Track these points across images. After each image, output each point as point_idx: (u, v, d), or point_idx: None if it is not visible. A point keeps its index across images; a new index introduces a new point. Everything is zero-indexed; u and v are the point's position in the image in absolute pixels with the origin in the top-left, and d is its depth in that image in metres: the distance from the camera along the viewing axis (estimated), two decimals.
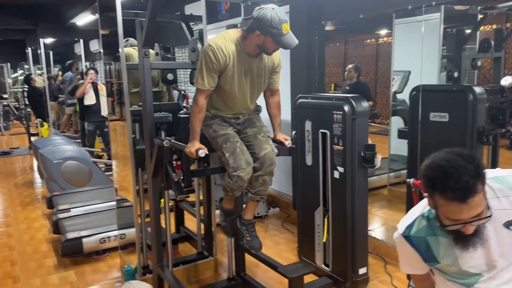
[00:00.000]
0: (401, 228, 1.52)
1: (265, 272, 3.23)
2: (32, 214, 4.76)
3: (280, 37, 2.05)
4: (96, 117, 6.38)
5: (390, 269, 3.20)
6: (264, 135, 2.39)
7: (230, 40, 2.16)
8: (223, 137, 2.29)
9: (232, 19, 5.11)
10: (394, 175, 4.52)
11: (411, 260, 1.54)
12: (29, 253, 3.72)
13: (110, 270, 3.38)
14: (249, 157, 2.29)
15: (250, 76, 2.26)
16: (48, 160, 5.02)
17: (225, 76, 2.20)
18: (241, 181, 2.26)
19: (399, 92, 4.35)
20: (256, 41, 2.12)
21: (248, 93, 2.31)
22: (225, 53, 2.14)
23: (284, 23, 2.04)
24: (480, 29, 3.80)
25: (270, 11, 2.04)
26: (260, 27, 2.05)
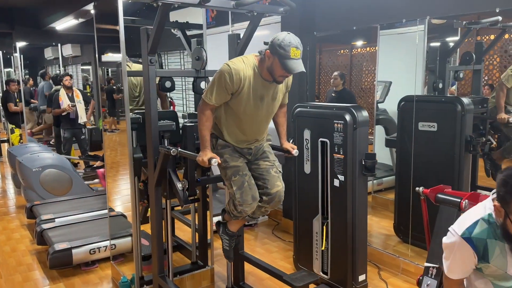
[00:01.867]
0: (459, 230, 1.65)
1: (261, 280, 3.23)
2: (10, 225, 4.57)
3: (285, 59, 2.04)
4: (72, 124, 6.19)
5: (384, 275, 3.26)
6: (277, 170, 2.44)
7: (248, 65, 2.17)
8: (233, 169, 2.31)
9: (218, 27, 5.12)
10: (377, 182, 4.62)
11: (466, 261, 1.65)
12: (13, 265, 3.57)
13: (101, 282, 3.29)
14: (255, 193, 2.33)
15: (266, 99, 2.27)
16: (27, 168, 4.84)
17: (241, 98, 2.20)
18: (244, 213, 2.36)
19: (380, 101, 4.46)
20: (267, 62, 2.13)
21: (263, 116, 2.32)
22: (241, 77, 2.14)
23: (294, 47, 2.04)
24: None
25: (284, 34, 2.07)
26: (271, 47, 2.08)
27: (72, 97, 6.20)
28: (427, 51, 3.79)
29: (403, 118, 3.59)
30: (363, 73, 5.38)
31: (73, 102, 6.16)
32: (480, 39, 3.96)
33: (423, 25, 3.52)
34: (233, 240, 2.61)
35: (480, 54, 3.88)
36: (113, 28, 3.32)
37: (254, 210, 2.38)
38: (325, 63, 6.37)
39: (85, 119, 6.28)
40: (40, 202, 4.54)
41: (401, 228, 3.62)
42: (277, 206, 2.47)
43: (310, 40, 3.91)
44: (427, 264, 2.04)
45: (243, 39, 2.72)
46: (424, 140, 3.38)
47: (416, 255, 3.28)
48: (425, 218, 2.21)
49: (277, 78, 2.15)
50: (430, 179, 3.17)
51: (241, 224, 2.63)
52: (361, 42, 5.13)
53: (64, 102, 6.12)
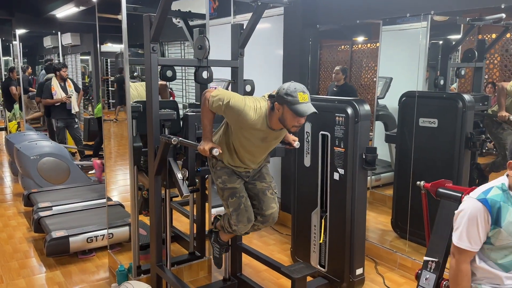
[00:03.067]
0: (474, 195, 1.73)
1: (258, 272, 3.23)
2: (7, 212, 4.55)
3: (295, 105, 2.02)
4: (64, 114, 6.13)
5: (381, 269, 3.27)
6: (273, 192, 2.47)
7: (259, 116, 2.14)
8: (230, 190, 2.35)
9: (220, 19, 5.08)
10: (375, 178, 4.62)
11: (479, 225, 1.70)
12: (10, 252, 3.56)
13: (98, 270, 3.28)
14: (251, 215, 2.38)
15: (269, 140, 2.28)
16: (25, 156, 4.81)
17: (245, 132, 2.20)
18: (238, 233, 2.46)
19: (381, 97, 4.45)
20: (277, 114, 2.11)
21: (263, 151, 2.35)
22: (248, 123, 2.13)
23: (300, 92, 2.03)
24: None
25: (288, 83, 2.07)
26: (278, 98, 2.06)
27: (65, 87, 6.15)
28: (428, 48, 3.78)
29: (404, 113, 3.58)
30: (363, 69, 5.36)
31: (66, 92, 6.11)
32: (481, 38, 3.95)
33: (426, 22, 3.51)
34: (223, 249, 2.67)
35: (482, 52, 3.87)
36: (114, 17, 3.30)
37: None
38: (325, 58, 6.35)
39: (77, 109, 6.24)
40: (38, 190, 4.53)
41: (398, 223, 3.63)
42: (271, 225, 2.58)
43: (312, 33, 3.89)
44: (426, 258, 2.04)
45: (246, 30, 2.70)
46: (424, 136, 3.37)
47: (413, 250, 3.29)
48: (425, 213, 2.21)
49: (290, 129, 2.14)
50: (429, 175, 3.15)
51: (233, 235, 2.68)
52: (362, 38, 5.10)
53: (58, 92, 6.05)
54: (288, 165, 4.02)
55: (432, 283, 1.99)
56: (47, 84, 6.19)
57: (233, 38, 2.75)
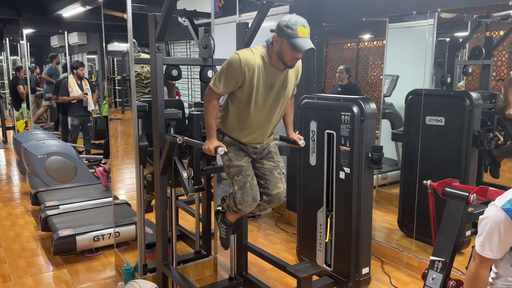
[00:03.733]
0: (499, 203, 1.64)
1: (264, 271, 3.23)
2: (15, 211, 4.59)
3: (294, 38, 2.01)
4: (81, 111, 6.24)
5: (387, 269, 3.26)
6: (280, 171, 2.44)
7: (257, 54, 2.14)
8: (236, 168, 2.32)
9: (225, 17, 5.08)
10: (381, 176, 4.60)
11: (503, 235, 1.63)
12: (17, 251, 3.59)
13: (104, 269, 3.30)
14: (256, 194, 2.35)
15: (277, 88, 2.23)
16: (32, 155, 4.85)
17: (250, 87, 2.15)
18: (243, 212, 2.41)
19: (387, 95, 4.43)
20: (276, 46, 2.09)
21: (273, 107, 2.28)
22: (251, 65, 2.11)
23: (301, 25, 2.01)
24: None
25: (289, 15, 2.05)
26: (278, 29, 2.05)
27: (81, 85, 6.25)
28: (435, 45, 3.75)
29: (410, 112, 3.56)
30: (369, 67, 5.34)
31: (82, 90, 6.22)
32: (489, 35, 3.92)
33: (432, 19, 3.48)
34: (230, 230, 2.63)
35: (489, 49, 3.83)
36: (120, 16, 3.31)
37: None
38: (331, 56, 6.33)
39: (93, 107, 6.32)
40: (45, 189, 4.56)
41: (405, 222, 3.61)
42: (276, 206, 2.53)
43: (318, 32, 3.88)
44: (433, 257, 2.03)
45: (251, 29, 2.70)
46: (431, 134, 3.35)
47: (420, 249, 3.27)
48: (432, 212, 2.19)
49: (288, 62, 2.12)
50: (436, 173, 3.15)
51: (240, 216, 2.64)
52: (368, 36, 5.08)
53: (75, 90, 6.17)
54: (293, 164, 4.01)
55: (438, 283, 1.98)
56: (64, 82, 6.32)
57: (238, 37, 2.75)
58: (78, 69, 6.23)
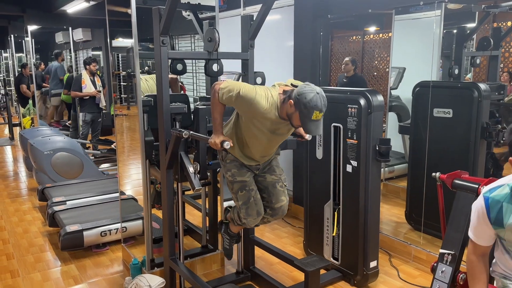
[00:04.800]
0: (485, 189, 1.69)
1: (271, 265, 3.22)
2: (22, 207, 4.61)
3: (306, 120, 2.01)
4: (94, 107, 6.29)
5: (395, 262, 3.24)
6: (282, 185, 2.45)
7: (271, 105, 2.10)
8: (239, 183, 2.34)
9: (230, 11, 5.05)
10: (388, 170, 4.57)
11: (481, 221, 1.68)
12: (25, 246, 3.61)
13: (112, 264, 3.31)
14: (261, 208, 2.37)
15: (280, 132, 2.25)
16: (39, 151, 4.86)
17: (256, 122, 2.16)
18: (248, 226, 2.45)
19: (394, 88, 4.39)
20: (288, 109, 2.08)
21: (274, 143, 2.33)
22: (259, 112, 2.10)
23: (317, 111, 1.99)
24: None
25: (314, 93, 1.99)
26: (297, 100, 2.01)
27: (94, 81, 6.28)
28: (442, 36, 3.71)
29: (418, 104, 3.52)
30: (375, 60, 5.30)
31: (95, 86, 6.25)
32: (496, 26, 3.87)
33: (439, 10, 3.44)
34: (233, 240, 2.66)
35: (498, 40, 3.78)
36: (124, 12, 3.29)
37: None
38: (337, 49, 6.29)
39: (105, 103, 6.35)
40: (52, 185, 4.58)
41: (413, 215, 3.59)
42: (280, 218, 2.58)
43: (323, 24, 3.84)
44: (442, 250, 2.01)
45: (256, 22, 2.67)
46: (439, 126, 3.31)
47: (427, 242, 3.25)
48: (441, 204, 2.17)
49: (294, 125, 2.14)
50: (444, 166, 3.12)
51: (243, 228, 2.67)
52: (374, 28, 5.03)
53: (88, 86, 6.21)
54: (300, 157, 4.00)
55: (448, 276, 1.95)
56: (77, 77, 6.37)
57: (243, 30, 2.73)
58: (90, 65, 6.26)
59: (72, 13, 7.64)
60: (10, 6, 7.65)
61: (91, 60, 6.33)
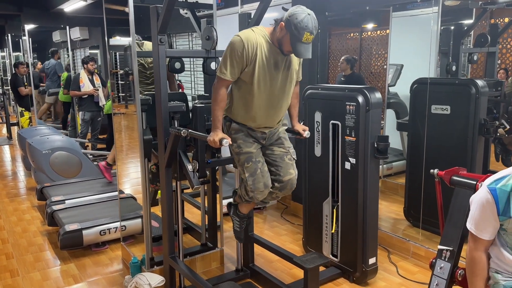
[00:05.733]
0: (487, 182, 1.70)
1: (270, 262, 3.23)
2: (21, 206, 4.61)
3: (296, 42, 2.00)
4: (92, 106, 6.29)
5: (394, 259, 3.25)
6: (291, 157, 2.41)
7: (258, 34, 2.13)
8: (246, 155, 2.29)
9: (227, 9, 5.05)
10: (386, 167, 4.58)
11: (487, 214, 1.68)
12: (24, 246, 3.61)
13: (111, 263, 3.31)
14: (268, 180, 2.32)
15: (281, 68, 2.20)
16: (37, 150, 4.86)
17: (255, 67, 2.13)
18: (256, 199, 2.38)
19: (391, 85, 4.40)
20: (279, 33, 2.08)
21: (279, 90, 2.24)
22: (253, 44, 2.09)
23: (308, 32, 1.97)
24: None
25: (305, 14, 1.98)
26: (287, 21, 2.01)
27: (92, 80, 6.27)
28: (440, 33, 3.72)
29: (415, 101, 3.53)
30: (372, 57, 5.30)
31: (94, 85, 6.24)
32: (494, 22, 3.87)
33: (437, 7, 3.44)
34: (243, 222, 2.61)
35: (495, 36, 3.79)
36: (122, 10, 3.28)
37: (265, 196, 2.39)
38: (335, 47, 6.29)
39: (104, 102, 6.34)
40: (50, 184, 4.58)
41: (411, 212, 3.60)
42: (288, 193, 2.49)
43: (321, 21, 3.83)
44: (440, 246, 2.01)
45: (253, 19, 2.67)
46: (437, 123, 3.32)
47: (426, 239, 3.26)
48: (439, 201, 2.17)
49: (284, 50, 2.12)
50: (442, 162, 3.12)
51: (252, 206, 2.62)
52: (371, 25, 5.04)
53: (86, 85, 6.21)
54: (298, 155, 3.97)
55: (447, 272, 1.96)
56: (76, 77, 6.38)
57: (241, 27, 2.73)
58: (88, 64, 6.26)
59: (69, 12, 7.63)
60: (7, 5, 7.62)
61: (89, 59, 6.33)
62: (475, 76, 4.09)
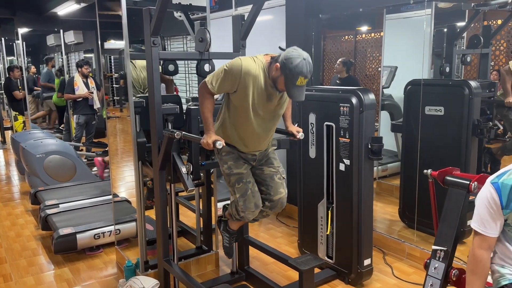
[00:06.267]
0: (490, 178, 1.72)
1: (266, 265, 3.22)
2: (15, 211, 4.58)
3: (290, 85, 2.02)
4: (87, 109, 6.25)
5: (389, 260, 3.25)
6: (281, 177, 2.44)
7: (258, 65, 2.12)
8: (236, 176, 2.32)
9: (221, 11, 5.05)
10: (381, 168, 4.59)
11: (492, 209, 1.69)
12: (18, 250, 3.58)
13: (106, 266, 3.29)
14: (258, 201, 2.36)
15: (274, 100, 2.21)
16: (31, 154, 4.83)
17: (247, 93, 2.13)
18: (246, 219, 2.42)
19: (386, 87, 4.41)
20: (274, 72, 2.09)
21: (272, 115, 2.27)
22: (251, 75, 2.09)
23: (302, 77, 1.99)
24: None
25: (301, 59, 1.98)
26: (283, 64, 2.01)
27: (87, 83, 6.25)
28: (433, 35, 3.73)
29: (409, 102, 3.54)
30: (367, 60, 5.32)
31: (88, 88, 6.22)
32: (487, 24, 3.90)
33: (430, 9, 3.46)
34: (233, 238, 2.64)
35: (488, 38, 3.81)
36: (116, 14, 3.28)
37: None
38: (329, 49, 6.30)
39: (99, 105, 6.32)
40: (44, 188, 4.55)
41: (406, 213, 3.60)
42: (279, 211, 2.55)
43: (315, 23, 3.85)
44: (434, 247, 2.01)
45: (247, 21, 2.67)
46: (430, 124, 3.33)
47: (421, 240, 3.26)
48: (433, 201, 2.18)
49: (278, 88, 2.13)
50: (436, 163, 3.11)
51: (242, 223, 2.65)
52: (366, 28, 5.06)
53: (81, 88, 6.18)
54: (293, 157, 4.00)
55: (441, 272, 1.96)
56: (70, 80, 6.36)
57: (234, 29, 2.73)
58: (83, 67, 6.24)
59: (63, 15, 7.60)
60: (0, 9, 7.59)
61: (83, 62, 6.32)
62: (468, 77, 4.11)
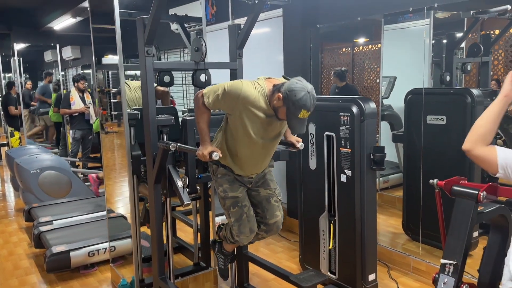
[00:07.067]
0: None
1: (266, 281, 3.11)
2: (8, 228, 4.47)
3: (291, 117, 1.96)
4: (83, 124, 6.19)
5: (394, 274, 3.14)
6: (277, 199, 2.38)
7: (260, 92, 2.05)
8: (232, 199, 2.26)
9: (218, 24, 5.02)
10: (383, 180, 4.50)
11: None
12: (10, 269, 3.46)
13: (100, 285, 3.18)
14: (254, 225, 2.30)
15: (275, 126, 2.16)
16: (25, 170, 4.73)
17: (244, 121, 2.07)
18: (241, 243, 2.37)
19: (385, 97, 4.36)
20: (275, 101, 2.01)
21: (271, 142, 2.22)
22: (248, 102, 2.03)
23: (305, 110, 1.93)
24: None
25: (305, 92, 1.92)
26: (286, 95, 1.94)
27: (83, 98, 6.20)
28: (433, 44, 3.69)
29: (410, 112, 3.48)
30: (365, 71, 5.29)
31: (85, 103, 6.17)
32: (484, 33, 3.86)
33: (428, 19, 3.42)
34: (228, 260, 2.56)
35: (487, 46, 3.77)
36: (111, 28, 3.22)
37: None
38: (327, 62, 6.27)
39: (95, 119, 6.26)
40: (39, 205, 4.45)
41: (410, 225, 3.50)
42: (275, 234, 2.48)
43: (313, 34, 3.80)
44: (443, 260, 1.91)
45: (243, 30, 2.61)
46: (433, 133, 3.26)
47: (426, 253, 3.16)
48: (440, 213, 2.09)
49: (279, 117, 2.06)
50: (440, 173, 3.04)
51: (237, 246, 2.57)
52: (363, 40, 5.03)
53: (77, 102, 6.13)
54: (293, 168, 3.92)
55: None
56: (66, 95, 6.32)
57: (231, 39, 2.67)
58: (79, 82, 6.21)
59: (59, 30, 7.58)
60: None
61: (79, 77, 6.29)
62: (468, 86, 4.06)
